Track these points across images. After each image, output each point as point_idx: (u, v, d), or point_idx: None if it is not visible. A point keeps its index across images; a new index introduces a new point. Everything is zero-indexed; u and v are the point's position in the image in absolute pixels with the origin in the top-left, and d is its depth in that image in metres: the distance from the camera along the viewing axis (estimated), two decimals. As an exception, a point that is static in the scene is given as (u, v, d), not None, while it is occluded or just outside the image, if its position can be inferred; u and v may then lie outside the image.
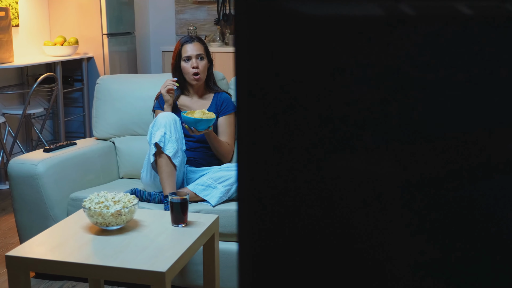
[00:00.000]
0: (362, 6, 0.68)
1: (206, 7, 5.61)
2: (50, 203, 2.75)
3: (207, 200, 2.65)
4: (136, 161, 3.14)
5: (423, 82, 0.65)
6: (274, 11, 0.67)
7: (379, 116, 0.67)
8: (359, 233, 0.70)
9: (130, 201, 2.18)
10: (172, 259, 1.92)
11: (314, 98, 0.68)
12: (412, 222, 0.68)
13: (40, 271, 1.94)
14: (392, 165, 0.67)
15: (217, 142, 2.90)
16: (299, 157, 0.69)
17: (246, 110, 0.69)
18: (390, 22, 0.66)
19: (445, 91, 0.65)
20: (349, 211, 0.69)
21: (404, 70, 0.66)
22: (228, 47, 5.18)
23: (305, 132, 0.69)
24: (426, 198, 0.68)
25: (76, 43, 4.80)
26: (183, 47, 2.95)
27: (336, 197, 0.69)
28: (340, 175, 0.69)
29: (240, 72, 0.69)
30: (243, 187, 0.72)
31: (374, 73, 0.67)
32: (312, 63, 0.68)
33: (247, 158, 0.70)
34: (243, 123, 0.70)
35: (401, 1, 0.67)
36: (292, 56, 0.67)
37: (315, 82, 0.68)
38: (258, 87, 0.68)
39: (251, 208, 0.72)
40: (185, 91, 3.04)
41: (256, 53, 0.68)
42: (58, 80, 4.56)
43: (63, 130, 4.80)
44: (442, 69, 0.65)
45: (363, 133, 0.68)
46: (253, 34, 0.67)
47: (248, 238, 0.72)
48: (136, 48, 5.52)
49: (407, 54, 0.66)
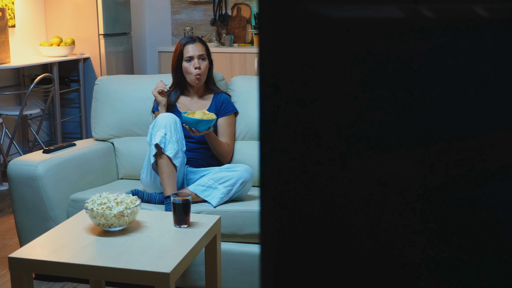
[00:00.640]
0: (382, 8, 0.68)
1: (202, 7, 5.61)
2: (50, 204, 2.74)
3: (208, 201, 2.65)
4: (136, 162, 3.14)
5: (444, 85, 0.66)
6: (297, 13, 0.67)
7: (399, 118, 0.67)
8: (378, 234, 0.71)
9: (132, 202, 2.18)
10: (176, 260, 1.92)
11: (335, 101, 0.69)
12: (431, 223, 0.68)
13: (43, 273, 1.93)
14: (413, 167, 0.68)
15: (217, 142, 2.91)
16: (321, 159, 0.69)
17: (269, 115, 0.69)
18: (410, 25, 0.67)
19: (465, 93, 0.66)
20: (369, 212, 0.70)
21: (425, 72, 0.66)
22: (224, 48, 5.18)
23: (326, 133, 0.69)
24: (446, 200, 0.68)
25: (72, 44, 4.79)
26: (184, 47, 2.95)
27: (356, 198, 0.70)
28: (360, 177, 0.69)
29: (263, 77, 0.69)
30: (266, 190, 0.72)
31: (394, 75, 0.67)
32: (333, 66, 0.68)
33: (270, 159, 0.70)
34: (266, 126, 0.70)
35: (421, 4, 0.67)
36: (314, 58, 0.68)
37: (336, 85, 0.68)
38: (282, 90, 0.68)
39: (274, 210, 0.72)
40: (185, 92, 3.04)
41: (279, 55, 0.68)
42: (55, 80, 4.55)
43: (60, 131, 4.78)
44: (463, 72, 0.65)
45: (384, 135, 0.68)
46: (277, 37, 0.67)
47: (270, 239, 0.73)
48: (133, 48, 5.51)
49: (428, 57, 0.66)
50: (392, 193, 0.68)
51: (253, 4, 5.45)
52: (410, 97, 0.66)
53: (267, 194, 0.72)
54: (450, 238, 0.68)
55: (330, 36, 0.67)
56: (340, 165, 0.69)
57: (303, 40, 0.67)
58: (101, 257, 1.97)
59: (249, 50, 5.04)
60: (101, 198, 2.18)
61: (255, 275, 2.57)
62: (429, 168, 0.67)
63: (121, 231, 2.16)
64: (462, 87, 0.65)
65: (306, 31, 0.67)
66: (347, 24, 0.67)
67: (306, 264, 0.72)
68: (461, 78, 0.65)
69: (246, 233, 2.57)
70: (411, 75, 0.66)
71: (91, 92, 4.96)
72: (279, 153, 0.70)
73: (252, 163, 2.91)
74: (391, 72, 0.67)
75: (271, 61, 0.68)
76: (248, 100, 3.10)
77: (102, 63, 4.95)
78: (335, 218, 0.70)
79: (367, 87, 0.67)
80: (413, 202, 0.68)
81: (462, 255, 0.68)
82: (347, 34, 0.67)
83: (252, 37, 5.39)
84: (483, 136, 0.67)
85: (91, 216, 2.13)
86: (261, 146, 0.71)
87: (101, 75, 4.95)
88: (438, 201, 0.68)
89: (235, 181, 2.65)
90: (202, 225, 2.25)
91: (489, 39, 0.65)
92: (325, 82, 0.68)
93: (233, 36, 5.37)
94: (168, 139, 2.66)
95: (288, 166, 0.70)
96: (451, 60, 0.66)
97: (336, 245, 0.71)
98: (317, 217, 0.71)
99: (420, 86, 0.66)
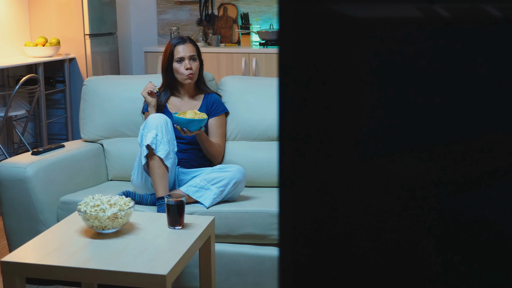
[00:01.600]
0: (400, 8, 0.67)
1: (189, 7, 5.58)
2: (39, 207, 2.70)
3: (201, 202, 2.63)
4: (125, 163, 3.11)
5: (462, 85, 0.65)
6: (318, 13, 0.66)
7: (417, 118, 0.67)
8: (396, 236, 0.70)
9: (126, 203, 2.15)
10: (172, 262, 1.90)
11: (353, 101, 0.68)
12: (447, 222, 0.68)
13: (37, 276, 1.90)
14: (430, 167, 0.67)
15: (208, 143, 2.89)
16: (338, 159, 0.68)
17: (289, 118, 0.68)
18: (426, 25, 0.66)
19: (482, 93, 0.65)
20: (385, 215, 0.69)
21: (442, 72, 0.66)
22: (211, 48, 5.16)
23: (342, 133, 0.68)
24: (462, 198, 0.67)
25: (58, 44, 4.74)
26: (175, 48, 2.93)
27: (373, 201, 0.69)
28: (377, 178, 0.68)
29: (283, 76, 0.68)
30: (284, 193, 0.71)
31: (410, 74, 0.66)
32: (351, 64, 0.67)
33: (290, 162, 0.69)
34: (285, 129, 0.69)
35: (436, 4, 0.66)
36: (332, 57, 0.67)
37: (353, 84, 0.67)
38: (302, 87, 0.67)
39: (293, 215, 0.71)
40: (175, 92, 3.02)
41: (300, 55, 0.67)
42: (41, 81, 4.49)
43: (46, 133, 4.73)
44: (480, 72, 0.65)
45: (401, 135, 0.67)
46: (298, 38, 0.66)
47: (290, 245, 0.71)
48: (118, 48, 5.46)
49: (443, 57, 0.66)
50: (410, 195, 0.68)
51: (239, 4, 5.43)
52: (428, 96, 0.65)
53: (285, 197, 0.71)
54: (463, 240, 0.67)
55: (350, 35, 0.66)
56: (357, 163, 0.68)
57: (323, 39, 0.66)
58: (96, 259, 1.95)
59: (236, 50, 5.03)
60: (94, 200, 2.15)
61: (249, 276, 2.56)
62: (445, 168, 0.66)
63: (114, 233, 2.13)
64: (478, 87, 0.65)
65: (326, 30, 0.66)
66: (366, 23, 0.66)
67: (325, 272, 0.71)
68: (478, 78, 0.65)
69: (239, 234, 2.56)
70: (427, 75, 0.65)
71: (77, 92, 4.91)
72: (298, 153, 0.69)
73: (243, 163, 2.90)
74: (406, 71, 0.66)
75: (293, 62, 0.67)
76: (238, 100, 3.09)
77: (88, 63, 4.91)
78: (350, 219, 0.70)
79: (384, 86, 0.67)
80: (428, 202, 0.67)
81: (475, 256, 0.67)
82: (365, 33, 0.66)
83: (239, 37, 5.38)
84: (497, 135, 0.66)
85: (84, 219, 2.10)
86: (280, 146, 0.70)
87: (87, 76, 4.90)
88: (452, 201, 0.67)
89: (228, 181, 2.63)
90: (197, 226, 2.23)
91: (504, 39, 0.65)
92: (342, 82, 0.67)
93: (220, 36, 5.35)
94: (160, 140, 2.64)
95: (305, 166, 0.69)
96: (469, 60, 0.65)
97: (350, 246, 0.70)
98: (333, 217, 0.70)
99: (437, 86, 0.65)
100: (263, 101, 3.06)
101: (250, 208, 2.57)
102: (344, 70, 0.67)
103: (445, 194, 0.66)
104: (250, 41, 5.30)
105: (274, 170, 2.95)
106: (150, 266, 1.88)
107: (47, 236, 2.15)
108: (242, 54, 4.99)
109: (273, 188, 2.93)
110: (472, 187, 0.66)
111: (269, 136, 3.03)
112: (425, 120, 0.65)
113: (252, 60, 4.93)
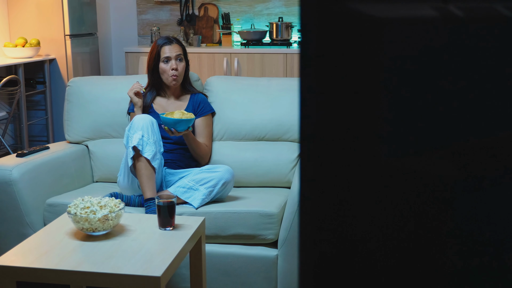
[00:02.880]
0: (417, 7, 0.68)
1: (169, 7, 5.55)
2: (25, 209, 2.67)
3: (189, 203, 2.62)
4: (111, 164, 3.08)
5: (486, 84, 0.66)
6: (340, 13, 0.66)
7: (436, 116, 0.67)
8: (416, 234, 0.71)
9: (116, 205, 2.14)
10: (165, 263, 1.89)
11: (373, 100, 0.68)
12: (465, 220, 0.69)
13: (28, 280, 1.88)
14: (452, 166, 0.68)
15: (195, 143, 2.88)
16: (359, 158, 0.69)
17: (309, 119, 0.69)
18: (446, 24, 0.67)
19: (504, 91, 0.66)
20: (406, 215, 0.70)
21: (462, 71, 0.66)
22: (192, 48, 5.14)
23: (362, 132, 0.69)
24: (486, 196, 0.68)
25: (38, 45, 4.69)
26: (162, 48, 2.92)
27: (395, 201, 0.69)
28: (399, 178, 0.69)
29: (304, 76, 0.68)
30: (305, 194, 0.71)
31: (431, 73, 0.67)
32: (372, 63, 0.68)
33: (311, 165, 0.70)
34: (306, 130, 0.70)
35: (450, 3, 0.67)
36: (355, 56, 0.67)
37: (373, 84, 0.68)
38: (324, 84, 0.68)
39: (313, 216, 0.71)
40: (161, 93, 3.01)
41: (323, 55, 0.67)
42: (21, 82, 4.44)
43: (26, 134, 4.67)
44: (502, 70, 0.66)
45: (422, 134, 0.68)
46: (320, 37, 0.67)
47: (309, 246, 0.72)
48: (99, 49, 5.42)
49: (463, 55, 0.66)
50: (432, 194, 0.68)
51: (220, 4, 5.42)
52: (449, 95, 0.66)
53: (306, 198, 0.71)
54: (486, 241, 0.68)
55: (370, 34, 0.67)
56: (378, 163, 0.69)
57: (345, 38, 0.67)
58: (88, 262, 1.93)
59: (217, 50, 5.02)
60: (84, 202, 2.13)
61: (238, 276, 2.56)
62: (469, 166, 0.67)
63: (105, 235, 2.12)
64: (500, 85, 0.66)
65: (348, 29, 0.66)
66: (386, 22, 0.67)
67: (345, 272, 0.71)
68: (500, 76, 0.66)
69: (229, 234, 2.56)
70: (447, 73, 0.66)
71: (57, 94, 4.86)
72: (319, 153, 0.69)
73: (230, 163, 2.90)
74: (426, 70, 0.67)
75: (315, 60, 0.67)
76: (224, 100, 3.08)
77: (69, 64, 4.86)
78: (371, 219, 0.70)
79: (404, 85, 0.67)
80: (449, 202, 0.68)
81: (498, 259, 0.68)
82: (386, 32, 0.67)
83: (220, 37, 5.37)
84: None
85: (74, 221, 2.08)
86: (301, 145, 0.70)
87: (67, 77, 4.85)
88: (474, 198, 0.68)
89: (217, 182, 2.63)
90: (187, 227, 2.23)
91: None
92: (363, 81, 0.67)
93: (201, 36, 5.34)
94: (146, 141, 2.62)
95: (327, 165, 0.69)
96: (490, 58, 0.66)
97: (371, 246, 0.71)
98: (354, 216, 0.71)
99: (457, 85, 0.66)
100: (250, 101, 3.06)
101: (239, 208, 2.57)
102: (363, 70, 0.67)
103: (467, 193, 0.66)
104: (232, 41, 5.30)
105: (261, 170, 2.96)
106: (144, 268, 1.87)
107: (36, 239, 2.12)
108: (224, 54, 4.98)
109: (260, 188, 2.93)
110: (495, 187, 0.67)
111: (256, 136, 3.03)
112: (447, 119, 0.65)
113: (234, 60, 4.93)
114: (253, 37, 5.09)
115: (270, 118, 3.00)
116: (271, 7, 5.35)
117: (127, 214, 2.38)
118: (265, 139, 3.02)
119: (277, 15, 5.28)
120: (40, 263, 1.91)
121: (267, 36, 5.18)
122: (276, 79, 3.20)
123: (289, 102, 3.01)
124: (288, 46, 5.00)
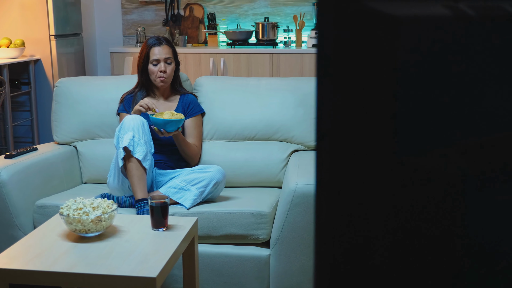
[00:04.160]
0: (434, 6, 0.69)
1: (154, 7, 5.53)
2: (15, 211, 2.65)
3: (181, 203, 2.61)
4: (100, 165, 3.07)
5: (505, 81, 0.67)
6: (358, 11, 0.67)
7: (454, 114, 0.68)
8: (431, 233, 0.71)
9: (109, 206, 2.13)
10: (160, 264, 1.89)
11: (389, 97, 0.69)
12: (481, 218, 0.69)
13: (21, 282, 1.86)
14: (466, 162, 0.68)
15: (185, 144, 2.88)
16: (376, 157, 0.69)
17: (326, 118, 0.69)
18: (463, 22, 0.67)
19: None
20: (423, 214, 0.70)
21: (479, 69, 0.67)
22: (178, 48, 5.12)
23: (380, 132, 0.69)
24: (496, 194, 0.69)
25: (22, 45, 4.64)
26: (151, 49, 2.91)
27: (412, 198, 0.70)
28: (415, 176, 0.69)
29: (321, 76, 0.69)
30: (321, 193, 0.71)
31: (448, 72, 0.68)
32: (387, 61, 0.68)
33: (328, 163, 0.70)
34: (322, 128, 0.70)
35: (460, 2, 0.68)
36: (370, 53, 0.68)
37: (389, 81, 0.68)
38: (343, 85, 0.68)
39: (329, 216, 0.71)
40: (151, 93, 3.00)
41: (340, 54, 0.67)
42: (6, 83, 4.39)
43: (11, 136, 4.63)
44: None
45: (441, 132, 0.68)
46: (338, 35, 0.67)
47: (326, 247, 0.72)
48: (84, 49, 5.38)
49: (479, 54, 0.67)
50: (448, 193, 0.69)
51: (206, 4, 5.41)
52: (467, 93, 0.67)
53: (323, 198, 0.71)
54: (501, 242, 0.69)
55: (387, 32, 0.67)
56: (395, 162, 0.69)
57: (362, 37, 0.67)
58: (82, 264, 1.92)
59: (203, 50, 5.01)
60: (76, 203, 2.12)
61: (231, 276, 2.56)
62: (485, 163, 0.68)
63: (97, 237, 2.11)
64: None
65: (365, 28, 0.67)
66: (403, 20, 0.67)
67: (361, 271, 0.72)
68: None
69: (221, 234, 2.55)
70: (464, 71, 0.67)
71: (42, 94, 4.82)
72: (335, 152, 0.70)
73: (220, 163, 2.89)
74: (443, 68, 0.67)
75: (332, 59, 0.67)
76: (214, 101, 3.08)
77: (54, 64, 4.82)
78: (387, 219, 0.70)
79: (419, 83, 0.68)
80: (465, 200, 0.69)
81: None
82: (402, 30, 0.67)
83: (206, 37, 5.36)
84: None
85: (66, 222, 2.07)
86: (317, 144, 0.70)
87: (52, 77, 4.81)
88: (490, 196, 0.68)
89: (208, 182, 2.63)
90: (180, 227, 2.22)
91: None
92: (380, 79, 0.68)
93: (187, 37, 5.32)
94: (137, 142, 2.61)
95: (343, 163, 0.70)
96: (506, 56, 0.67)
97: (387, 246, 0.71)
98: (370, 215, 0.71)
99: (474, 83, 0.67)
100: (239, 101, 3.06)
101: (231, 209, 2.57)
102: (380, 68, 0.67)
103: (484, 192, 0.67)
104: (217, 41, 5.29)
105: (251, 170, 2.96)
106: (139, 269, 1.86)
107: (28, 241, 2.10)
108: (210, 54, 4.97)
109: (251, 188, 2.93)
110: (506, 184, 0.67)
111: (246, 136, 3.03)
112: (465, 117, 0.66)
113: (220, 60, 4.92)
114: (239, 37, 5.09)
115: (260, 118, 3.01)
116: (256, 7, 5.35)
117: (119, 215, 2.37)
118: (255, 139, 3.03)
119: (263, 15, 5.29)
120: (33, 265, 1.89)
121: (253, 36, 5.18)
122: (265, 79, 3.20)
123: (278, 102, 3.02)
124: (274, 46, 5.01)
